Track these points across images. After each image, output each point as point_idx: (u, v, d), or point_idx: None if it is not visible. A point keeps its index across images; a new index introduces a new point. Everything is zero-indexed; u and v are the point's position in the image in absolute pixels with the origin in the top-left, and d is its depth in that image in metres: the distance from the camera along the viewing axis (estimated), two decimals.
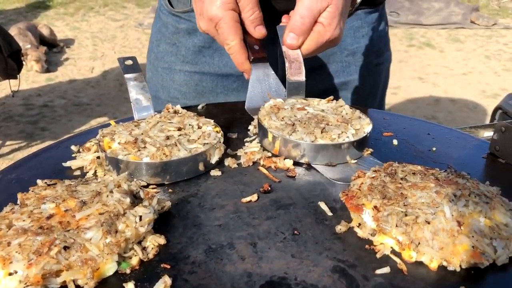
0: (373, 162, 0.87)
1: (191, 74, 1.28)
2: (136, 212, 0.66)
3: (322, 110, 0.95)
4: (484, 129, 1.28)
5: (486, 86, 5.24)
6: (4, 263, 0.57)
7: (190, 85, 1.29)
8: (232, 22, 0.93)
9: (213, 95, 1.30)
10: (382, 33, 1.34)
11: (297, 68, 0.97)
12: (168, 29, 1.29)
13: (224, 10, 0.93)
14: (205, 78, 1.28)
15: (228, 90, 1.29)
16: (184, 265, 0.62)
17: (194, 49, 1.26)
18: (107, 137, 0.85)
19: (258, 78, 1.02)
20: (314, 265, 0.62)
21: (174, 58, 1.29)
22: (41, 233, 0.61)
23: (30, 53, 5.36)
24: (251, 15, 0.96)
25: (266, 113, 0.94)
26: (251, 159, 0.88)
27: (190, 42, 1.26)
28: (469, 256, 0.61)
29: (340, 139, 0.86)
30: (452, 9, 7.48)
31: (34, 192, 0.71)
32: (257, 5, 0.96)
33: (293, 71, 0.98)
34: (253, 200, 0.76)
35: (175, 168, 0.80)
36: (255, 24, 0.97)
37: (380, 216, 0.66)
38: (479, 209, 0.65)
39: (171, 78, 1.30)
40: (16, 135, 4.07)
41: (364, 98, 1.35)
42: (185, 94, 1.30)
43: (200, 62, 1.27)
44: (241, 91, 1.28)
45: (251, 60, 1.00)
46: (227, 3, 0.92)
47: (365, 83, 1.33)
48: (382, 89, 1.43)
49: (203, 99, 1.29)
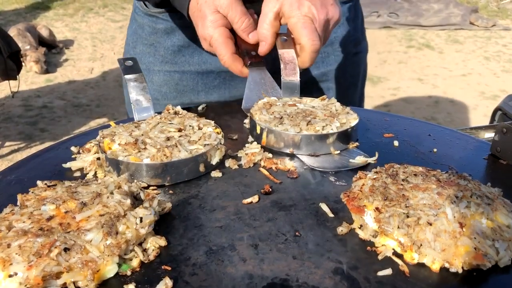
0: (356, 153, 0.90)
1: (171, 73, 1.28)
2: (136, 213, 0.65)
3: (312, 106, 0.98)
4: (484, 130, 1.28)
5: (486, 87, 5.24)
6: (4, 265, 0.57)
7: (170, 85, 1.29)
8: (223, 38, 0.99)
9: (194, 94, 1.29)
10: (358, 23, 1.38)
11: (292, 69, 1.01)
12: (144, 30, 1.28)
13: (214, 28, 0.99)
14: (186, 77, 1.28)
15: (209, 88, 1.29)
16: (185, 267, 0.62)
17: (173, 49, 1.26)
18: (107, 138, 0.85)
19: (255, 80, 1.04)
20: (316, 266, 0.62)
21: (153, 59, 1.29)
22: (41, 234, 0.61)
23: (29, 54, 5.35)
24: (241, 25, 1.00)
25: (258, 108, 0.97)
26: (252, 160, 0.87)
27: (169, 42, 1.26)
28: (471, 257, 0.60)
29: (324, 131, 0.89)
30: (451, 10, 7.48)
31: (34, 193, 0.71)
32: (245, 14, 1.00)
33: (288, 72, 1.01)
34: (254, 201, 0.75)
35: (175, 169, 0.80)
36: (247, 32, 1.02)
37: (381, 217, 0.66)
38: (481, 211, 0.65)
39: (150, 80, 1.29)
40: (15, 136, 4.07)
41: (345, 88, 1.38)
42: (166, 94, 1.30)
43: (179, 61, 1.27)
44: (223, 88, 1.29)
45: (248, 65, 1.03)
46: (215, 22, 0.99)
47: (345, 73, 1.36)
48: (362, 80, 1.46)
49: (184, 98, 1.29)
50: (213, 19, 0.98)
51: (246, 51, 1.03)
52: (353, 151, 0.92)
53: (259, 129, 0.92)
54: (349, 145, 0.92)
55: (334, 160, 0.88)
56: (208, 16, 0.99)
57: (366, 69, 1.48)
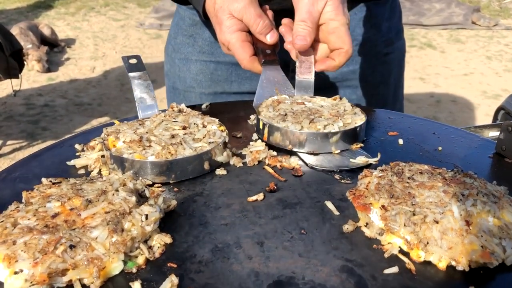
0: (358, 153, 0.89)
1: (207, 63, 1.34)
2: (142, 210, 0.65)
3: (321, 106, 0.97)
4: (489, 129, 1.28)
5: (488, 86, 5.24)
6: (10, 262, 0.57)
7: (206, 74, 1.35)
8: (240, 43, 1.00)
9: (228, 83, 1.35)
10: (393, 24, 1.37)
11: (307, 67, 1.01)
12: (185, 22, 1.35)
13: (231, 33, 1.00)
14: (220, 67, 1.33)
15: (242, 79, 1.34)
16: (191, 264, 0.61)
17: (211, 40, 1.32)
18: (111, 135, 0.85)
19: (268, 78, 1.04)
20: (322, 264, 0.61)
21: (191, 49, 1.35)
22: (47, 231, 0.60)
23: (31, 53, 5.36)
24: (257, 27, 1.01)
25: (266, 105, 0.98)
26: (257, 158, 0.87)
27: (206, 33, 1.32)
28: (478, 256, 0.60)
29: (325, 130, 0.88)
30: (453, 9, 7.48)
31: (39, 190, 0.70)
32: (259, 16, 1.00)
33: (302, 70, 1.02)
34: (259, 199, 0.75)
35: (180, 167, 0.80)
36: (264, 33, 1.02)
37: (388, 215, 0.65)
38: (488, 209, 0.65)
39: (188, 68, 1.36)
40: (17, 134, 4.07)
41: (375, 86, 1.38)
42: (201, 82, 1.36)
43: (215, 52, 1.32)
44: (254, 79, 1.32)
45: (262, 62, 1.03)
46: (231, 27, 1.00)
47: (374, 71, 1.36)
48: (396, 78, 1.44)
49: (218, 87, 1.35)
50: (229, 24, 1.00)
51: (261, 49, 1.04)
52: (355, 151, 0.91)
53: (261, 125, 0.93)
54: (352, 146, 0.92)
55: (335, 159, 0.88)
56: (224, 22, 1.00)
57: (402, 68, 1.47)
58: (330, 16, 0.96)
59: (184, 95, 1.38)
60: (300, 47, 0.98)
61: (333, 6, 0.95)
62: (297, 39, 0.97)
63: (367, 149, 0.92)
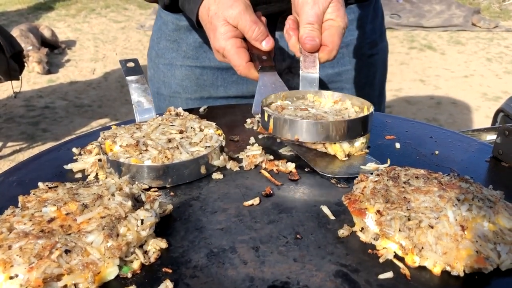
0: (368, 159, 0.89)
1: (192, 68, 1.33)
2: (137, 215, 0.65)
3: (324, 112, 0.96)
4: (486, 132, 1.28)
5: (488, 88, 5.24)
6: (5, 267, 0.57)
7: (191, 79, 1.34)
8: (235, 49, 1.00)
9: (214, 88, 1.34)
10: (377, 25, 1.40)
11: (312, 61, 1.01)
12: (168, 26, 1.33)
13: (225, 40, 1.00)
14: (206, 72, 1.32)
15: (228, 83, 1.33)
16: (186, 269, 0.62)
17: (195, 45, 1.31)
18: (108, 139, 0.85)
19: (265, 84, 1.04)
20: (317, 269, 0.61)
21: (175, 54, 1.33)
22: (42, 236, 0.61)
23: (32, 55, 5.37)
24: (252, 34, 1.01)
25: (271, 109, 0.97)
26: (253, 162, 0.87)
27: (191, 38, 1.31)
28: (473, 261, 0.60)
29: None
30: (453, 11, 7.48)
31: (35, 195, 0.71)
32: (255, 22, 1.00)
33: (307, 64, 1.01)
34: (255, 203, 0.75)
35: (176, 171, 0.80)
36: (259, 40, 1.02)
37: (383, 220, 0.65)
38: (483, 214, 0.65)
39: (172, 74, 1.35)
40: (17, 136, 4.08)
41: (361, 87, 1.40)
42: (187, 88, 1.35)
43: (200, 57, 1.31)
44: (240, 83, 1.32)
45: (259, 69, 1.02)
46: (225, 33, 1.00)
47: (360, 73, 1.38)
48: (380, 79, 1.47)
49: (204, 92, 1.34)
50: (223, 31, 1.00)
51: (257, 55, 1.03)
52: (365, 158, 0.90)
53: (267, 117, 0.91)
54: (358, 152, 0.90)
55: (345, 166, 0.87)
56: (218, 28, 1.00)
57: (386, 69, 1.50)
58: (330, 16, 0.99)
59: (170, 100, 1.37)
60: (310, 47, 0.99)
61: (335, 8, 0.99)
62: (306, 40, 0.99)
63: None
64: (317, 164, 0.87)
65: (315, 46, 0.99)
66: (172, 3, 1.11)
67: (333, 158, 0.90)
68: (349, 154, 0.90)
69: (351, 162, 0.89)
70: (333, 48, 0.99)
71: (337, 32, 0.98)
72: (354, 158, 0.90)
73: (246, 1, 1.02)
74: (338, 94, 1.01)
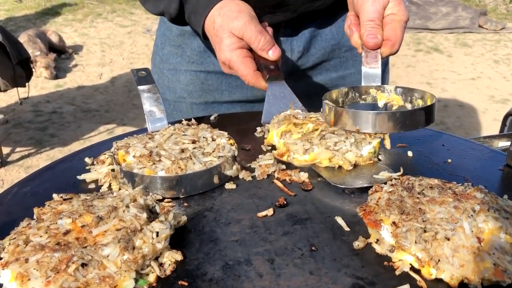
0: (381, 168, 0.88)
1: (197, 73, 1.33)
2: (153, 227, 0.65)
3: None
4: (498, 139, 1.27)
5: (495, 91, 5.21)
6: (22, 280, 0.57)
7: (196, 84, 1.34)
8: (241, 59, 1.01)
9: (218, 93, 1.35)
10: None
11: (373, 57, 1.01)
12: (172, 32, 1.34)
13: (230, 51, 1.01)
14: (210, 77, 1.33)
15: (233, 87, 1.34)
16: (202, 282, 0.62)
17: (199, 50, 1.31)
18: (121, 150, 0.85)
19: (274, 94, 1.04)
20: (333, 282, 0.61)
21: (180, 59, 1.34)
22: (59, 249, 0.61)
23: (40, 60, 5.40)
24: (258, 44, 1.01)
25: (278, 121, 0.97)
26: (266, 172, 0.87)
27: (195, 43, 1.31)
28: (491, 274, 0.60)
29: (336, 146, 0.88)
30: (459, 13, 7.45)
31: (50, 206, 0.71)
32: (260, 33, 1.01)
33: (369, 60, 1.02)
34: (269, 214, 0.75)
35: (190, 182, 0.80)
36: (266, 50, 1.02)
37: (398, 232, 0.65)
38: (499, 225, 0.64)
39: (177, 79, 1.35)
40: (26, 141, 4.10)
41: None
42: (192, 93, 1.35)
43: (205, 62, 1.32)
44: (245, 87, 1.33)
45: (267, 78, 1.02)
46: (231, 45, 1.01)
47: None
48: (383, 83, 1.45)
49: (209, 97, 1.35)
50: (228, 42, 1.00)
51: (264, 65, 1.03)
52: (377, 166, 0.89)
53: (327, 110, 0.92)
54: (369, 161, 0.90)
55: (357, 176, 0.87)
56: (224, 40, 1.01)
57: (388, 73, 1.50)
58: (391, 11, 1.00)
59: (175, 105, 1.38)
60: (373, 45, 1.00)
61: (395, 3, 1.00)
62: (368, 38, 0.99)
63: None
64: (327, 174, 0.87)
65: (378, 43, 1.00)
66: (178, 17, 1.11)
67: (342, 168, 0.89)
68: (356, 164, 0.89)
69: (361, 171, 0.88)
70: (396, 42, 0.99)
71: (399, 26, 0.99)
72: (365, 167, 0.89)
73: (251, 12, 1.02)
74: (400, 88, 1.02)
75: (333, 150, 0.87)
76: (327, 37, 1.30)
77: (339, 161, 0.88)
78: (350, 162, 0.88)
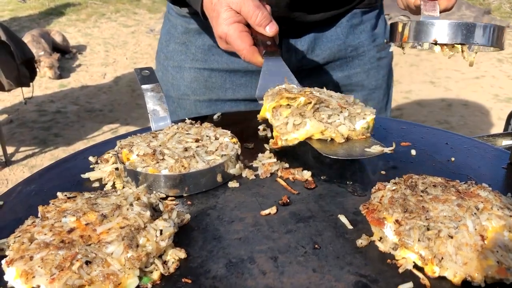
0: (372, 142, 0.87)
1: (201, 70, 1.34)
2: (156, 225, 0.66)
3: (330, 96, 0.95)
4: (502, 138, 1.27)
5: (499, 90, 5.19)
6: (27, 278, 0.58)
7: (200, 81, 1.35)
8: (237, 33, 1.00)
9: (222, 91, 1.35)
10: (381, 29, 1.41)
11: (432, 6, 1.00)
12: (177, 29, 1.35)
13: (227, 25, 1.00)
14: (214, 74, 1.34)
15: (236, 85, 1.34)
16: (205, 279, 0.62)
17: (204, 48, 1.32)
18: (125, 148, 0.86)
19: (270, 69, 1.03)
20: (336, 280, 0.61)
21: (184, 57, 1.35)
22: (63, 247, 0.61)
23: (43, 60, 5.42)
24: (256, 19, 1.00)
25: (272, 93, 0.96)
26: (269, 170, 0.87)
27: (200, 41, 1.32)
28: (494, 271, 0.60)
29: (329, 119, 0.87)
30: (463, 12, 7.43)
31: (55, 205, 0.71)
32: (258, 7, 1.00)
33: (427, 8, 1.00)
34: (272, 212, 0.75)
35: (193, 180, 0.80)
36: (263, 25, 1.01)
37: (402, 230, 0.65)
38: (503, 223, 0.64)
39: (181, 76, 1.36)
40: (30, 141, 4.11)
41: (370, 91, 1.41)
42: (195, 90, 1.36)
43: (209, 59, 1.33)
44: (249, 86, 1.33)
45: (263, 54, 1.01)
46: (228, 19, 1.00)
47: (369, 76, 1.39)
48: (388, 83, 1.48)
49: (213, 94, 1.35)
50: (226, 16, 0.99)
51: (261, 41, 1.02)
52: (369, 141, 0.88)
53: (401, 27, 0.92)
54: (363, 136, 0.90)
55: (349, 149, 0.86)
56: (221, 14, 1.00)
57: (392, 73, 1.51)
58: None
59: (178, 102, 1.38)
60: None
61: None
62: None
63: (380, 159, 0.91)
64: (319, 145, 0.86)
65: None
66: None
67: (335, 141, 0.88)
68: (349, 137, 0.89)
69: (354, 145, 0.88)
70: None
71: None
72: (357, 142, 0.89)
73: None
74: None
75: (326, 123, 0.86)
76: (332, 38, 1.31)
77: (332, 134, 0.87)
78: (342, 135, 0.87)
